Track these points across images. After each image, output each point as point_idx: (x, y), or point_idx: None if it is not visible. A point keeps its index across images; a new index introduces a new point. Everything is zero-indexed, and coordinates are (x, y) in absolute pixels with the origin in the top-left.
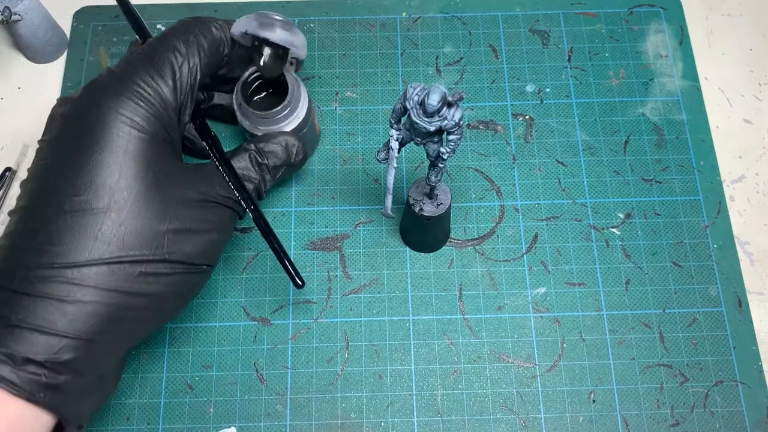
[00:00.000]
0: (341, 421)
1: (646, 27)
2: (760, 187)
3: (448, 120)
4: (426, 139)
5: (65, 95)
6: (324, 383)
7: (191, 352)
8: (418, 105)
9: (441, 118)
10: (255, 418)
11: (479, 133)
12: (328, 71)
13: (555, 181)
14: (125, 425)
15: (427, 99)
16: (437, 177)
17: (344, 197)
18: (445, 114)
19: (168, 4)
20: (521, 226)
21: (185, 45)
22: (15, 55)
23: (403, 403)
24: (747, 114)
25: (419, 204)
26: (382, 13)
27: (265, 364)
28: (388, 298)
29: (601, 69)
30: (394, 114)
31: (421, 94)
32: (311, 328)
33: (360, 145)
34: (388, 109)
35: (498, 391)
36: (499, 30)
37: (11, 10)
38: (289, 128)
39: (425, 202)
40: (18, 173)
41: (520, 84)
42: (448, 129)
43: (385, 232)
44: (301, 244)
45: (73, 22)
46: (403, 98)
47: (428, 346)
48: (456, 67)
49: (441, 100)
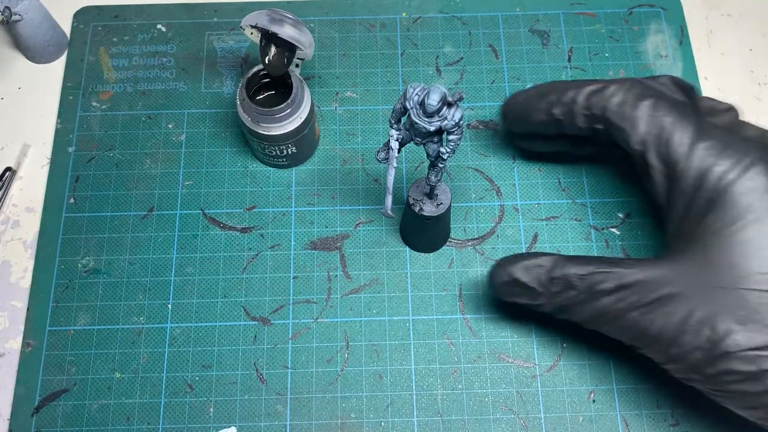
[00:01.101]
0: (341, 421)
1: (646, 27)
2: None
3: (448, 120)
4: (426, 139)
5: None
6: (324, 383)
7: (191, 352)
8: (418, 105)
9: (441, 118)
10: (255, 418)
11: (479, 133)
12: (328, 71)
13: (555, 181)
14: (125, 425)
15: (427, 99)
16: (437, 177)
17: (344, 197)
18: (445, 114)
19: (168, 4)
20: (521, 226)
21: None
22: (15, 55)
23: (403, 403)
24: (747, 114)
25: (419, 204)
26: (382, 13)
27: (265, 364)
28: (388, 298)
29: (601, 69)
30: (393, 114)
31: (421, 94)
32: (311, 328)
33: (360, 145)
34: (388, 109)
35: (498, 391)
36: (499, 30)
37: (11, 10)
38: (290, 128)
39: (425, 202)
40: (18, 173)
41: (520, 84)
42: (448, 129)
43: (385, 232)
44: (301, 244)
45: (73, 22)
46: (403, 98)
47: (428, 346)
48: (456, 67)
49: (441, 100)
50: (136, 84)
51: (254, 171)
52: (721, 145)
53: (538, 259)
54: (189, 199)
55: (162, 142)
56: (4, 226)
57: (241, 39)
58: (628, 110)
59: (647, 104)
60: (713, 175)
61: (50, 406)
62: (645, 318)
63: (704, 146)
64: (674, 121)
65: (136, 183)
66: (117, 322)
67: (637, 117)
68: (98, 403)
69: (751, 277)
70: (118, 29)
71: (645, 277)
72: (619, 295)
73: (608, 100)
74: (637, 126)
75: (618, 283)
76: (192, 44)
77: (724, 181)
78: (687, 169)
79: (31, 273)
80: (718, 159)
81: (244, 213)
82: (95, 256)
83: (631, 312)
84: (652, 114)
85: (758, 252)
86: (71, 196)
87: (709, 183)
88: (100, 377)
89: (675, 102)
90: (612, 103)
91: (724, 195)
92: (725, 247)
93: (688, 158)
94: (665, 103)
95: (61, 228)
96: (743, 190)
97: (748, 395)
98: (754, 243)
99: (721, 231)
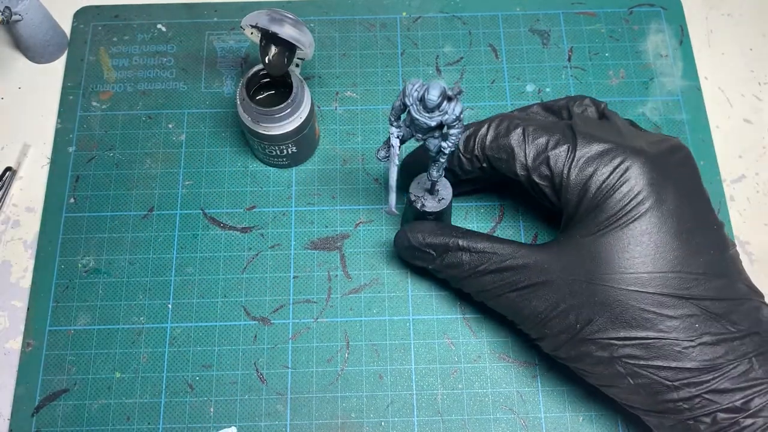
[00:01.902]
0: (341, 421)
1: (646, 27)
2: (760, 186)
3: (448, 114)
4: (427, 134)
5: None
6: (324, 383)
7: (191, 352)
8: (417, 101)
9: (441, 113)
10: (255, 417)
11: None
12: (328, 71)
13: None
14: (125, 425)
15: (427, 94)
16: (438, 172)
17: (344, 197)
18: (446, 108)
19: (168, 4)
20: (521, 226)
21: None
22: (15, 55)
23: (403, 403)
24: (747, 114)
25: (421, 200)
26: (382, 13)
27: (265, 364)
28: (388, 298)
29: (601, 69)
30: (393, 111)
31: (421, 90)
32: (311, 327)
33: (360, 145)
34: (389, 108)
35: (498, 391)
36: (499, 30)
37: (11, 10)
38: (290, 128)
39: (426, 198)
40: (18, 173)
41: (521, 84)
42: (448, 123)
43: (385, 231)
44: (301, 243)
45: (73, 22)
46: (402, 95)
47: (428, 345)
48: (456, 66)
49: (441, 95)
50: (136, 84)
51: (254, 171)
52: (595, 154)
53: (421, 225)
54: (189, 199)
55: (162, 142)
56: (4, 226)
57: (241, 39)
58: (502, 142)
59: (518, 132)
60: (593, 185)
61: (50, 406)
62: (521, 299)
63: (580, 159)
64: (546, 140)
65: (136, 183)
66: (117, 322)
67: (511, 146)
68: (98, 403)
69: (614, 275)
70: (118, 29)
71: (523, 263)
72: (499, 276)
73: (483, 139)
74: (515, 153)
75: (499, 265)
76: (192, 44)
77: (603, 190)
78: (568, 184)
79: (32, 273)
80: (596, 168)
81: (245, 213)
82: (95, 255)
83: (509, 293)
84: (524, 139)
85: (621, 253)
86: (71, 196)
87: (590, 192)
88: (101, 377)
89: (543, 124)
90: (487, 141)
91: (603, 202)
92: (596, 245)
93: (567, 173)
94: (533, 127)
95: (62, 228)
96: (619, 196)
97: (603, 376)
98: (620, 244)
99: (597, 231)
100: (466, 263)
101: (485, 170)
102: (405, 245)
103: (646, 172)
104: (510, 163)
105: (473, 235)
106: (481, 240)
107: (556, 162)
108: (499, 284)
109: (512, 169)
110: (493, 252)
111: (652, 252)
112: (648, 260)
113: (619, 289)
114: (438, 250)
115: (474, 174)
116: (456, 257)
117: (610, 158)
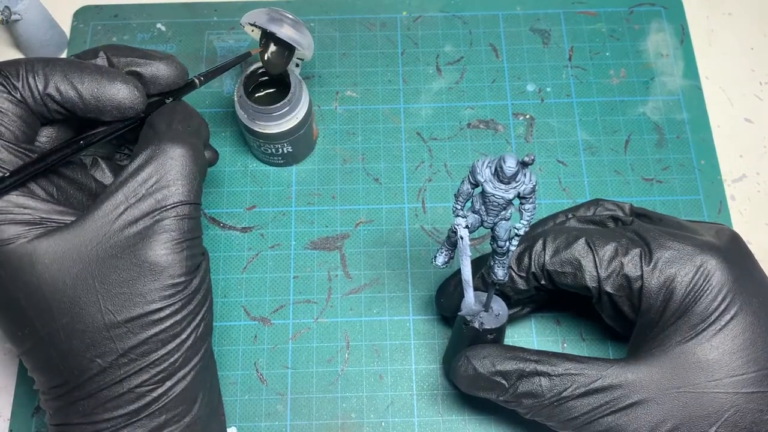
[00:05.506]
0: (341, 421)
1: (647, 26)
2: (760, 186)
3: (525, 184)
4: (498, 216)
5: None
6: (324, 383)
7: None
8: (492, 176)
9: (518, 184)
10: (255, 418)
11: (480, 132)
12: (328, 70)
13: (555, 181)
14: None
15: (504, 165)
16: (505, 270)
17: (344, 197)
18: (522, 178)
19: (168, 4)
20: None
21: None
22: (15, 55)
23: (403, 403)
24: (748, 113)
25: (477, 319)
26: (383, 12)
27: (265, 364)
28: (388, 298)
29: (602, 68)
30: (459, 199)
31: (492, 164)
32: (311, 327)
33: (360, 145)
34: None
35: None
36: (499, 29)
37: (11, 10)
38: (286, 127)
39: (482, 315)
40: None
41: (521, 83)
42: (525, 194)
43: (385, 231)
44: (302, 243)
45: (73, 22)
46: (471, 175)
47: (428, 345)
48: (456, 66)
49: (518, 163)
50: None
51: (254, 170)
52: (673, 255)
53: (485, 349)
54: None
55: None
56: None
57: (240, 38)
58: (565, 256)
59: (581, 242)
60: (678, 288)
61: None
62: (620, 421)
63: (658, 261)
64: (615, 247)
65: None
66: None
67: (577, 258)
68: None
69: (725, 379)
70: (118, 29)
71: (617, 382)
72: (590, 400)
73: (540, 254)
74: (582, 265)
75: (587, 387)
76: (192, 44)
77: (691, 293)
78: (649, 290)
79: None
80: (678, 270)
81: (244, 213)
82: None
83: (604, 417)
84: (590, 249)
85: (729, 355)
86: None
87: (677, 296)
88: None
89: (601, 231)
90: (547, 256)
91: (693, 304)
92: (698, 351)
93: (647, 278)
94: (596, 235)
95: None
96: (710, 297)
97: None
98: (723, 347)
99: (693, 336)
100: (546, 390)
101: (543, 288)
102: (469, 375)
103: (727, 269)
104: (578, 276)
105: (550, 355)
106: (561, 361)
107: (632, 268)
108: (591, 409)
109: (581, 283)
110: (578, 373)
111: (754, 350)
112: (751, 359)
113: (734, 394)
114: (510, 377)
115: (528, 294)
116: (533, 384)
117: (689, 258)
